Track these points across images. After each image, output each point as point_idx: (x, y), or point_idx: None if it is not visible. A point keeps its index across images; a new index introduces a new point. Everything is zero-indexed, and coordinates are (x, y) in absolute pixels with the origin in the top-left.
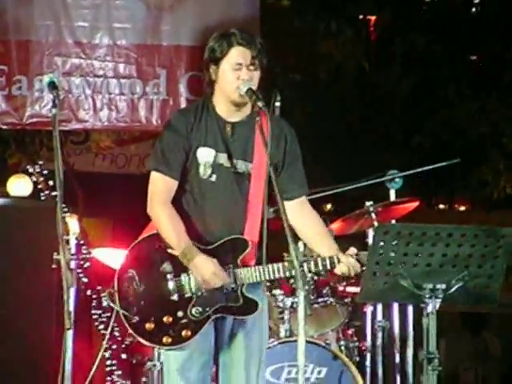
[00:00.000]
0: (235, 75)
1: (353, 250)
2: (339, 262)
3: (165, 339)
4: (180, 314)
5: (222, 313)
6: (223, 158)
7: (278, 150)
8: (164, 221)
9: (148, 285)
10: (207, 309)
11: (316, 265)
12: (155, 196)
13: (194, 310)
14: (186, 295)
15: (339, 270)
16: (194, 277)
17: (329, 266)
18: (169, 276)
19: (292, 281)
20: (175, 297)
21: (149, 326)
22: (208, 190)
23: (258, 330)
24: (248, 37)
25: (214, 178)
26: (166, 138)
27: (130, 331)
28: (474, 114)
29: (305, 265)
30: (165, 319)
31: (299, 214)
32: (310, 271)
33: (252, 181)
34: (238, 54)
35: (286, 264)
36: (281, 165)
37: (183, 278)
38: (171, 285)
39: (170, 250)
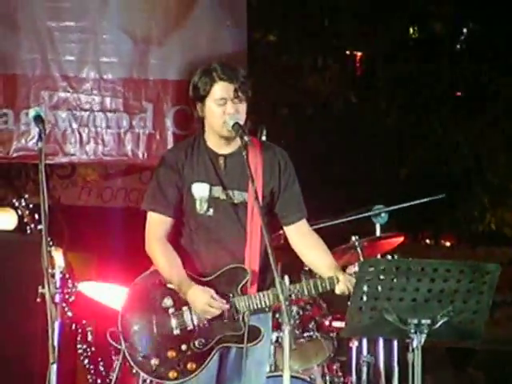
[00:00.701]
0: (221, 110)
1: (351, 269)
2: (338, 281)
3: (171, 374)
4: (184, 347)
5: (226, 342)
6: (218, 191)
7: (273, 177)
8: (159, 257)
9: (150, 321)
10: (210, 340)
11: (316, 287)
12: (151, 235)
13: (196, 343)
14: (189, 328)
15: (338, 289)
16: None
17: (328, 287)
18: (170, 311)
19: (278, 315)
20: (177, 331)
21: (154, 362)
22: (206, 224)
23: (262, 356)
24: (229, 70)
25: (211, 211)
26: (159, 176)
27: (136, 369)
28: (459, 148)
29: (304, 287)
30: (169, 354)
31: (298, 237)
32: (309, 293)
33: (249, 209)
34: (220, 90)
35: (293, 285)
36: (277, 191)
37: (184, 311)
38: (173, 319)
39: (169, 285)
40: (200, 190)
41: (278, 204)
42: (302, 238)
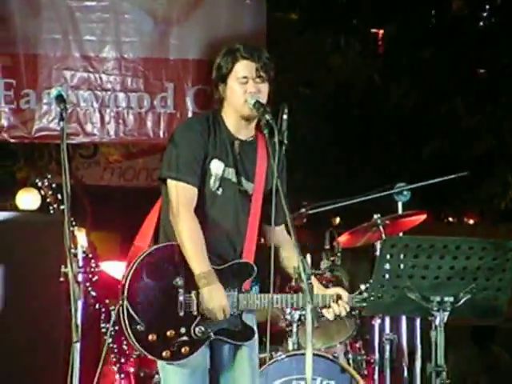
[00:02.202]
0: (242, 89)
1: (341, 291)
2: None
3: (164, 353)
4: (183, 330)
5: (222, 335)
6: (231, 173)
7: (272, 176)
8: (189, 235)
9: (158, 296)
10: (209, 330)
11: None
12: (180, 206)
13: (197, 329)
14: (193, 313)
15: (328, 314)
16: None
17: (320, 305)
18: (180, 291)
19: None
20: (182, 313)
21: (152, 337)
22: (214, 202)
23: (254, 356)
24: (252, 50)
25: (220, 191)
26: (185, 144)
27: (133, 339)
28: (481, 127)
29: (295, 297)
30: (168, 333)
31: (283, 239)
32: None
33: (252, 202)
34: (242, 68)
35: (291, 295)
36: (269, 190)
37: (193, 295)
38: (180, 300)
39: (183, 264)
40: (216, 167)
41: (270, 204)
42: (285, 237)
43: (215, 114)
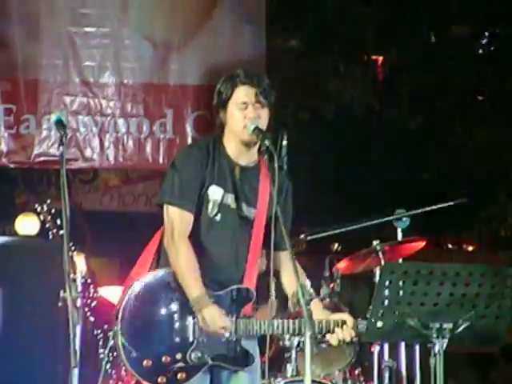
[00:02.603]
0: (242, 114)
1: (347, 317)
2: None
3: (160, 379)
4: (179, 356)
5: (219, 361)
6: (230, 199)
7: (278, 200)
8: (182, 261)
9: (153, 322)
10: (206, 355)
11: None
12: (175, 232)
13: (193, 355)
14: (189, 339)
15: (333, 337)
16: (198, 322)
17: (324, 331)
18: (175, 317)
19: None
20: (177, 339)
21: (146, 362)
22: (212, 228)
23: (255, 382)
24: (252, 75)
25: (218, 217)
26: (183, 170)
27: (127, 365)
28: (481, 152)
29: (296, 323)
30: (163, 359)
31: (285, 265)
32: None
33: (254, 228)
34: (242, 93)
35: (291, 321)
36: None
37: (189, 321)
38: (176, 326)
39: (179, 291)
40: (215, 194)
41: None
42: (291, 264)
43: (216, 139)
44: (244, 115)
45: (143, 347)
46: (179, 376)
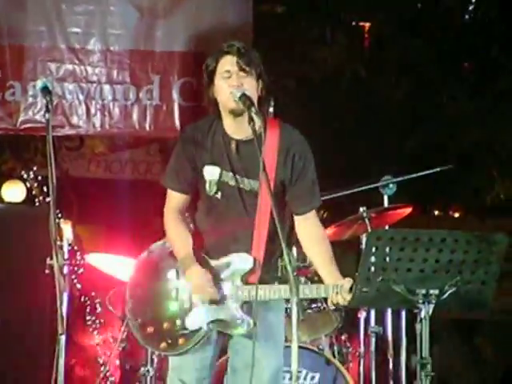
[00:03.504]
0: (226, 83)
1: (347, 281)
2: (336, 293)
3: (162, 344)
4: (178, 322)
5: (218, 327)
6: (228, 176)
7: (285, 166)
8: (170, 231)
9: (153, 290)
10: (201, 320)
11: (310, 291)
12: (167, 210)
13: (189, 321)
14: (185, 305)
15: (331, 300)
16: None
17: (323, 295)
18: (174, 284)
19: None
20: (175, 305)
21: (149, 329)
22: (214, 206)
23: (270, 343)
24: (233, 44)
25: (219, 195)
26: (175, 154)
27: (133, 331)
28: (468, 120)
29: (300, 288)
30: (165, 325)
31: (305, 229)
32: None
33: (260, 198)
34: (225, 63)
35: (284, 286)
36: (288, 179)
37: (186, 287)
38: (174, 293)
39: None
40: (210, 173)
41: (289, 194)
42: (309, 230)
43: (217, 117)
44: (228, 84)
45: (146, 314)
46: (180, 341)
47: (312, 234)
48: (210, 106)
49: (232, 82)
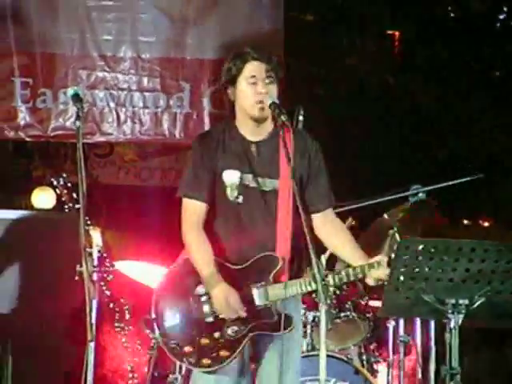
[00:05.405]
0: (252, 90)
1: (380, 258)
2: (370, 270)
3: (204, 361)
4: (217, 334)
5: (258, 330)
6: (249, 179)
7: (301, 164)
8: (193, 247)
9: (183, 308)
10: (242, 327)
11: (347, 275)
12: (186, 222)
13: (229, 330)
14: (221, 316)
15: (375, 275)
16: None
17: (360, 275)
18: (203, 298)
19: (314, 295)
20: (210, 318)
21: (188, 349)
22: (236, 211)
23: (294, 343)
24: (261, 51)
25: (240, 199)
26: (191, 163)
27: (171, 356)
28: (496, 129)
29: (336, 277)
30: (202, 342)
31: (323, 225)
32: (341, 281)
33: (279, 197)
34: (252, 69)
35: (308, 279)
36: (306, 178)
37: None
38: (206, 307)
39: None
40: (231, 177)
41: (309, 191)
42: (327, 225)
43: (228, 122)
44: (254, 91)
45: (180, 335)
46: (222, 354)
47: (335, 227)
48: (227, 108)
49: (259, 89)
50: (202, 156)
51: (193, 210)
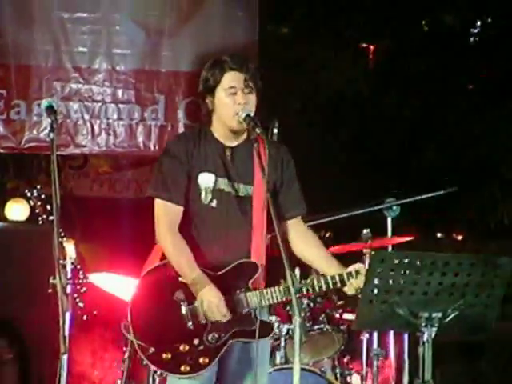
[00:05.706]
0: (231, 100)
1: (359, 266)
2: (349, 279)
3: (183, 368)
4: (196, 341)
5: (239, 337)
6: (223, 183)
7: (275, 171)
8: (172, 250)
9: (162, 314)
10: (223, 334)
11: (326, 282)
12: (161, 225)
13: (210, 337)
14: (201, 322)
15: (352, 286)
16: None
17: (339, 284)
18: (183, 304)
19: (288, 307)
20: (190, 324)
21: (166, 356)
22: (209, 215)
23: (264, 354)
24: (240, 60)
25: (214, 203)
26: (167, 164)
27: (147, 362)
28: (472, 141)
29: (315, 282)
30: (181, 348)
31: (294, 233)
32: (320, 289)
33: (254, 203)
34: (231, 79)
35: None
36: (279, 185)
37: (197, 304)
38: (185, 312)
39: (181, 279)
40: (206, 181)
41: (283, 196)
42: (301, 235)
43: (203, 127)
44: (234, 101)
45: (158, 341)
46: (201, 361)
47: (307, 236)
48: (204, 116)
49: (238, 100)
50: (175, 158)
51: (168, 212)
